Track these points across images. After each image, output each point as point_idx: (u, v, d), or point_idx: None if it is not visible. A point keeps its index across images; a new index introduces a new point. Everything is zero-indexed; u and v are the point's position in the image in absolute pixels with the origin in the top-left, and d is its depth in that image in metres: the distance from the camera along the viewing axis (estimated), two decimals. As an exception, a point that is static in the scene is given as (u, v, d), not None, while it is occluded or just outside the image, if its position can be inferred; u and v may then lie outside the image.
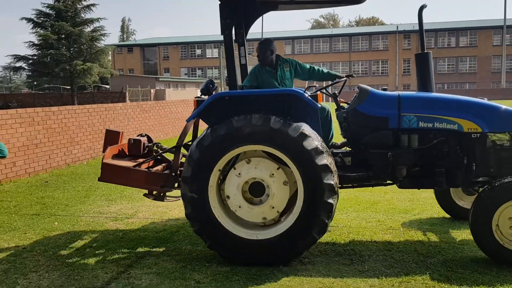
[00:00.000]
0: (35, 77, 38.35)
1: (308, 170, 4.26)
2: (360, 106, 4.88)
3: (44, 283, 4.18)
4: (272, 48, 5.30)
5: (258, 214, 4.50)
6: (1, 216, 6.53)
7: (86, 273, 4.39)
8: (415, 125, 4.74)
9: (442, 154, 4.81)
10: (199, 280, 4.18)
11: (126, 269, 4.46)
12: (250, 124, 4.31)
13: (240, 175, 4.48)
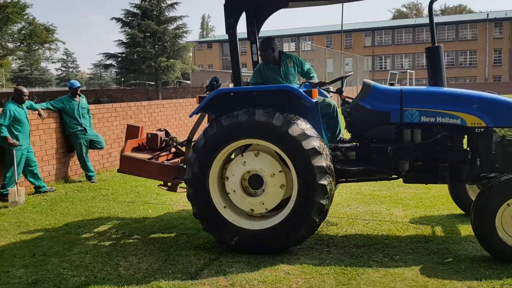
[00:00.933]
0: (123, 73, 40.75)
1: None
2: (363, 101, 4.90)
3: (143, 266, 4.46)
4: (273, 46, 5.35)
5: (248, 204, 4.68)
6: (101, 203, 7.06)
7: (180, 258, 4.62)
8: (417, 119, 4.70)
9: (446, 149, 4.72)
10: (289, 272, 4.23)
11: (217, 257, 4.63)
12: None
13: (245, 164, 4.64)
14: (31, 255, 4.83)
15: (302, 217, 4.46)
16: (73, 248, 5.00)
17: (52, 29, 32.85)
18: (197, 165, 4.67)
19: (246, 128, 4.53)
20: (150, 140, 5.92)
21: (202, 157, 4.67)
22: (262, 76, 5.41)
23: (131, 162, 5.56)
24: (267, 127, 4.44)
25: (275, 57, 5.38)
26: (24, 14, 30.80)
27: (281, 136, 4.42)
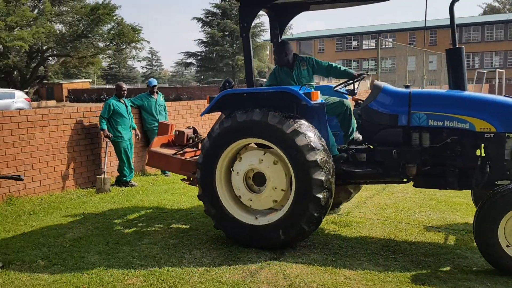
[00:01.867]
0: (202, 71, 42.17)
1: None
2: (372, 103, 4.88)
3: (206, 260, 4.58)
4: (286, 50, 5.41)
5: (239, 191, 4.90)
6: (172, 196, 7.35)
7: (242, 255, 4.68)
8: (425, 123, 4.60)
9: (455, 154, 4.59)
10: (350, 277, 4.13)
11: (278, 256, 4.63)
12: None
13: (261, 162, 4.78)
14: (105, 243, 5.15)
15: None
16: (143, 239, 5.26)
17: (138, 29, 34.68)
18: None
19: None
20: (177, 137, 6.27)
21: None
22: (276, 78, 5.49)
23: (157, 157, 5.95)
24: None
25: (288, 61, 5.43)
26: (113, 15, 32.83)
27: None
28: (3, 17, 27.91)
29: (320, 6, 5.71)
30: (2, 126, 6.91)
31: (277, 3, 5.44)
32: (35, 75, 33.53)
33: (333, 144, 5.01)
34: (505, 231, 4.00)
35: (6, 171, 6.91)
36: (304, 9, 5.74)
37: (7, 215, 6.31)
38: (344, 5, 5.78)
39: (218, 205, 4.95)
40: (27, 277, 4.23)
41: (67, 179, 7.82)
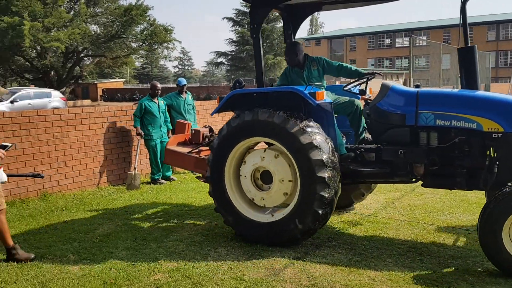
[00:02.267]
0: (232, 71, 42.39)
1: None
2: (380, 103, 4.87)
3: (230, 258, 4.61)
4: (297, 50, 5.47)
5: (251, 194, 4.99)
6: (199, 194, 7.44)
7: (266, 254, 4.70)
8: (432, 123, 4.57)
9: (462, 154, 4.54)
10: (374, 278, 4.08)
11: (302, 256, 4.63)
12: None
13: (263, 160, 4.90)
14: (133, 239, 5.26)
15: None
16: (170, 235, 5.35)
17: (170, 29, 35.16)
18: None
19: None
20: (193, 136, 6.42)
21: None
22: (287, 79, 5.54)
23: (173, 155, 6.15)
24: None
25: (299, 61, 5.49)
26: (146, 16, 33.43)
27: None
28: (41, 18, 28.86)
29: (333, 6, 5.76)
30: (37, 125, 7.16)
31: (290, 4, 5.50)
32: (71, 75, 34.51)
33: (341, 143, 5.03)
34: (509, 233, 3.93)
35: (40, 168, 7.17)
36: (317, 9, 5.82)
37: (41, 211, 6.54)
38: (356, 5, 5.82)
39: (233, 211, 5.06)
40: (57, 270, 4.38)
41: (99, 177, 8.03)
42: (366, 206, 6.48)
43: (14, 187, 6.90)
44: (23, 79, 36.33)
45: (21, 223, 5.94)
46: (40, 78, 34.18)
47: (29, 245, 5.08)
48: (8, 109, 19.84)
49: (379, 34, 66.10)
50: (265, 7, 5.20)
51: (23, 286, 4.03)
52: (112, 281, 4.12)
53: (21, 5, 27.85)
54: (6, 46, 28.05)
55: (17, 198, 6.91)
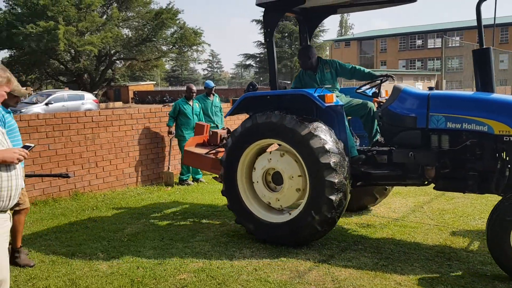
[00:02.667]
0: (261, 73, 42.51)
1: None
2: (392, 105, 4.87)
3: (255, 259, 4.63)
4: (310, 54, 5.54)
5: (266, 197, 5.07)
6: (226, 195, 7.49)
7: (291, 256, 4.70)
8: (443, 125, 4.54)
9: (474, 157, 4.48)
10: (400, 282, 4.02)
11: (327, 259, 4.60)
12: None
13: (270, 161, 5.00)
14: (160, 238, 5.35)
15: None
16: (196, 236, 5.41)
17: (200, 32, 35.59)
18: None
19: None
20: (211, 137, 6.55)
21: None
22: (301, 82, 5.62)
23: (191, 155, 6.29)
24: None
25: (312, 64, 5.56)
26: (176, 19, 33.95)
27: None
28: (75, 23, 29.69)
29: (348, 9, 5.86)
30: (70, 126, 7.38)
31: (305, 7, 5.55)
32: (103, 78, 35.36)
33: (352, 146, 5.05)
34: None
35: (73, 168, 7.37)
36: (332, 12, 5.92)
37: (73, 210, 6.72)
38: (371, 7, 5.84)
39: (252, 217, 5.14)
40: (87, 268, 4.50)
41: (128, 177, 8.20)
42: (394, 210, 6.39)
43: (47, 186, 7.12)
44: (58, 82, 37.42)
45: (53, 222, 6.12)
46: (74, 81, 35.16)
47: (61, 243, 5.23)
48: (43, 111, 20.49)
49: (410, 35, 64.95)
50: (278, 11, 5.27)
51: (54, 283, 4.16)
52: (139, 279, 4.20)
53: (56, 10, 28.74)
54: (42, 50, 29.00)
55: (50, 198, 7.13)
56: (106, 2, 33.57)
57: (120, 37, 32.40)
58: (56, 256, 4.83)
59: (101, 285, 4.09)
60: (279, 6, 5.15)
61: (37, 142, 6.98)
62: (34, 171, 6.89)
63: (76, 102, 23.12)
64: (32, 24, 27.92)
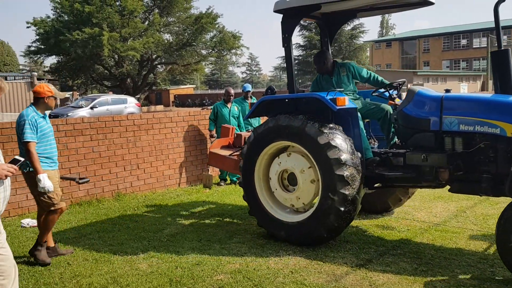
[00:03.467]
0: (299, 75, 42.30)
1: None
2: (406, 108, 4.91)
3: (291, 262, 4.64)
4: (325, 58, 5.68)
5: (287, 201, 5.20)
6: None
7: (328, 259, 4.67)
8: (456, 127, 4.55)
9: (488, 160, 4.45)
10: (440, 289, 3.92)
11: (365, 263, 4.55)
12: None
13: (280, 164, 5.18)
14: (198, 239, 5.45)
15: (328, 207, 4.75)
16: (233, 237, 5.47)
17: (239, 36, 35.88)
18: (244, 168, 5.43)
19: (284, 131, 5.02)
20: (236, 140, 6.68)
21: (246, 161, 5.39)
22: (318, 86, 5.74)
23: (215, 157, 6.48)
24: (300, 132, 4.89)
25: (328, 68, 5.69)
26: (215, 23, 34.38)
27: (310, 143, 4.83)
28: (118, 29, 30.63)
29: (367, 13, 5.91)
30: (113, 129, 7.63)
31: (325, 12, 5.73)
32: (145, 82, 36.26)
33: (367, 148, 5.13)
34: None
35: (115, 170, 7.62)
36: (352, 16, 6.07)
37: (115, 210, 6.94)
38: (391, 11, 5.93)
39: (258, 205, 5.38)
40: (128, 266, 4.64)
41: (168, 179, 8.39)
42: (435, 214, 6.23)
43: (91, 187, 7.39)
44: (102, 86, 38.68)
45: (97, 221, 6.35)
46: (118, 85, 36.23)
47: (104, 242, 5.42)
48: (89, 114, 21.23)
49: (454, 35, 63.00)
50: (296, 17, 5.38)
51: (97, 280, 4.32)
52: (178, 279, 4.29)
53: (101, 17, 29.73)
54: (87, 55, 30.07)
55: (94, 198, 7.39)
56: (148, 8, 34.44)
57: (161, 42, 33.13)
58: (99, 254, 5.01)
59: (141, 284, 4.21)
60: (296, 12, 5.27)
61: (82, 145, 7.26)
62: (79, 173, 7.17)
63: (119, 106, 23.82)
64: (78, 31, 29.00)
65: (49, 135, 4.83)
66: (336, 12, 5.85)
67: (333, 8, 5.56)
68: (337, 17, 6.02)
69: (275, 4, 5.29)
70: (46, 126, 4.81)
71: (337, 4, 5.29)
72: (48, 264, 4.72)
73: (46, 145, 4.77)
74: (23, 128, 4.57)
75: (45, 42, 31.71)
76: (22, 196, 6.58)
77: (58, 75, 35.45)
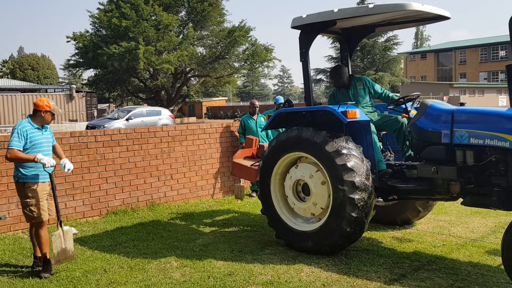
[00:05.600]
0: (331, 87, 42.06)
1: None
2: (419, 121, 4.98)
3: (323, 275, 4.61)
4: (341, 73, 5.81)
5: (306, 211, 5.32)
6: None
7: (360, 273, 4.62)
8: (466, 141, 4.57)
9: (497, 173, 4.46)
10: (478, 306, 3.81)
11: (399, 278, 4.47)
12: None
13: (291, 178, 5.39)
14: (230, 250, 5.49)
15: (339, 214, 4.86)
16: (265, 249, 5.48)
17: (271, 48, 36.19)
18: (261, 175, 5.70)
19: (295, 142, 5.21)
20: (258, 150, 6.83)
21: (263, 169, 5.63)
22: (335, 99, 5.85)
23: (237, 167, 6.69)
24: (310, 143, 5.05)
25: (344, 82, 5.83)
26: (248, 36, 34.80)
27: (319, 152, 4.99)
28: (154, 43, 31.42)
29: (386, 27, 6.09)
30: (148, 140, 7.81)
31: (345, 27, 5.96)
32: (179, 94, 36.97)
33: (380, 160, 5.23)
34: None
35: (150, 180, 7.79)
36: (370, 31, 6.22)
37: (149, 220, 7.08)
38: (407, 26, 6.00)
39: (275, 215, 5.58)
40: (162, 275, 4.72)
41: (201, 189, 8.49)
42: (472, 230, 6.07)
43: (127, 197, 7.57)
44: (138, 98, 39.65)
45: (132, 230, 6.49)
46: (152, 97, 37.06)
47: (138, 250, 5.54)
48: (124, 126, 21.79)
49: (492, 46, 61.41)
50: (312, 33, 5.56)
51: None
52: (210, 289, 4.34)
53: (137, 31, 30.62)
54: (124, 68, 30.99)
55: (129, 207, 7.56)
56: (182, 22, 35.22)
57: (195, 55, 33.77)
58: (133, 262, 5.12)
59: (174, 292, 4.27)
60: (312, 28, 5.46)
61: (118, 155, 7.47)
62: (115, 183, 7.37)
63: (154, 118, 24.34)
64: (115, 45, 29.95)
65: (43, 146, 4.90)
66: (355, 27, 6.00)
67: (350, 23, 5.71)
68: (356, 32, 6.16)
69: (292, 20, 5.49)
70: (41, 137, 4.91)
71: (352, 20, 5.49)
72: (45, 278, 4.71)
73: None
74: (11, 136, 4.77)
75: (83, 55, 32.88)
76: (61, 205, 6.80)
77: (96, 87, 36.60)
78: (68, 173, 6.92)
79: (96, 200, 7.26)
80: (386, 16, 5.38)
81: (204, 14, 33.94)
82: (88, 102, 31.50)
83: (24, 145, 4.78)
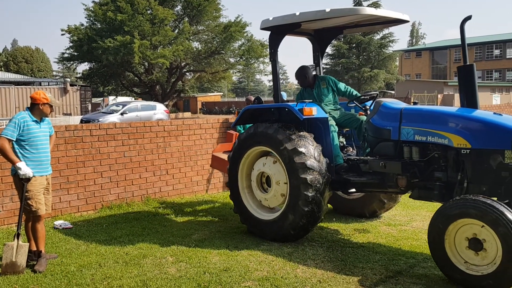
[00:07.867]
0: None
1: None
2: (373, 118, 5.30)
3: (319, 271, 4.61)
4: (305, 73, 6.16)
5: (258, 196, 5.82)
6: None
7: (356, 270, 4.63)
8: (412, 137, 4.89)
9: (440, 168, 4.80)
10: (473, 304, 3.83)
11: (394, 275, 4.48)
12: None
13: (264, 166, 5.68)
14: (226, 245, 5.48)
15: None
16: (261, 245, 5.48)
17: (267, 44, 35.95)
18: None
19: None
20: None
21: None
22: (302, 98, 6.12)
23: (217, 160, 7.03)
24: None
25: (309, 82, 6.18)
26: (244, 32, 34.64)
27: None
28: (149, 37, 31.22)
29: (353, 29, 6.37)
30: (143, 135, 7.77)
31: (315, 29, 6.29)
32: (174, 89, 36.76)
33: (337, 155, 5.57)
34: (455, 241, 4.08)
35: (145, 175, 7.75)
36: (339, 33, 6.52)
37: (144, 214, 7.05)
38: (373, 28, 6.37)
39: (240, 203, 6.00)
40: (157, 270, 4.70)
41: (196, 185, 8.47)
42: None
43: (122, 191, 7.53)
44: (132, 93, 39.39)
45: (127, 225, 6.46)
46: (147, 92, 36.85)
47: (133, 245, 5.51)
48: (119, 120, 21.68)
49: (487, 45, 61.70)
50: (281, 34, 5.87)
51: (127, 283, 4.39)
52: (206, 284, 4.33)
53: (132, 25, 30.38)
54: (119, 62, 30.75)
55: (124, 202, 7.52)
56: (178, 17, 35.01)
57: (190, 50, 33.57)
58: (129, 257, 5.10)
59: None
60: (280, 30, 5.79)
61: (113, 150, 7.42)
62: (110, 177, 7.32)
63: (149, 112, 24.23)
64: (110, 39, 29.70)
65: (41, 139, 4.87)
66: (325, 29, 6.32)
67: (318, 25, 6.05)
68: (325, 34, 6.48)
69: (261, 22, 5.76)
70: (38, 130, 4.86)
71: (317, 22, 5.79)
72: (39, 272, 4.66)
73: (35, 150, 4.82)
74: (8, 124, 4.73)
75: (78, 49, 32.60)
76: (56, 199, 6.76)
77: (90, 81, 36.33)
78: (63, 167, 6.90)
79: (91, 194, 7.22)
80: (346, 19, 5.67)
81: (200, 9, 33.71)
82: (82, 96, 31.30)
83: (21, 136, 4.73)
